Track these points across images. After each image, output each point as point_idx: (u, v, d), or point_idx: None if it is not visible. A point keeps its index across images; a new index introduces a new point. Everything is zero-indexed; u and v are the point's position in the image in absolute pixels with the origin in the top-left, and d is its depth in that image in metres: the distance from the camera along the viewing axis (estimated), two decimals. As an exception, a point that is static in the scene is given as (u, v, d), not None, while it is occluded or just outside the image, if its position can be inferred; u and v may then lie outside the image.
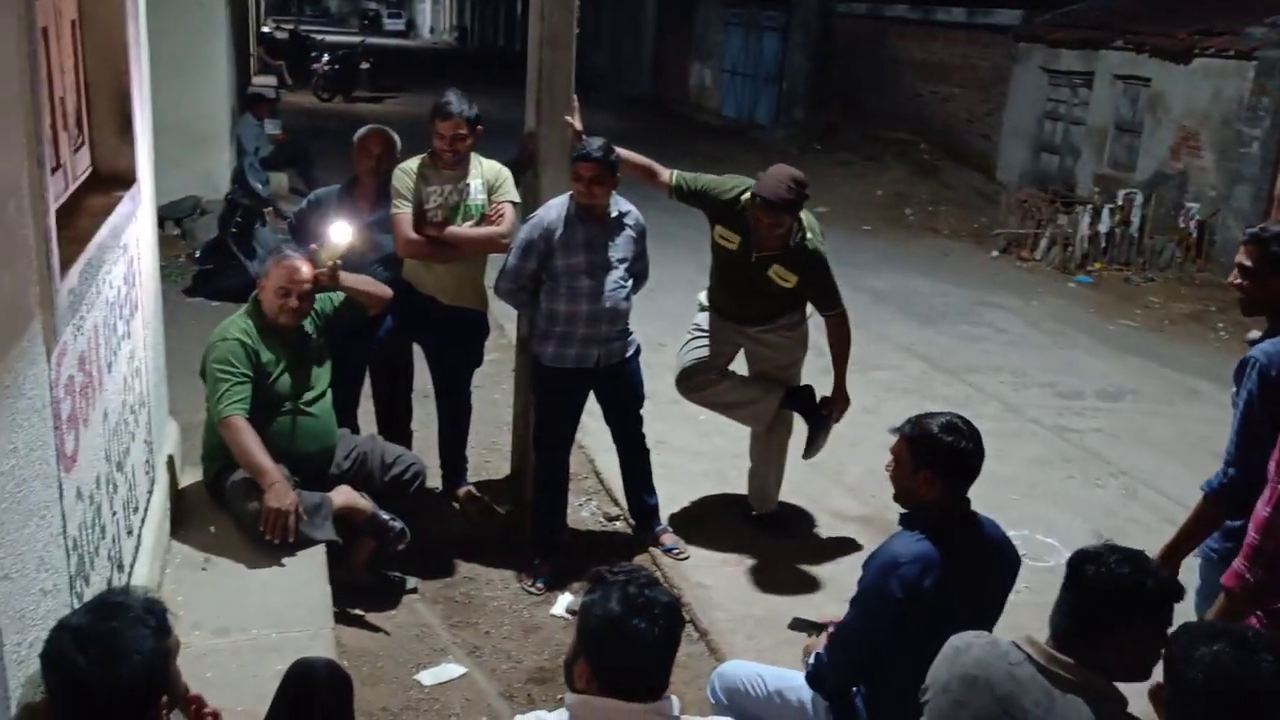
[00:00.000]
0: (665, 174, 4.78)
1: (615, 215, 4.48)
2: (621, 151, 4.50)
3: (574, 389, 4.63)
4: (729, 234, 4.65)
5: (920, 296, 10.01)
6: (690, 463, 5.83)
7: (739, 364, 5.03)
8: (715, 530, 5.13)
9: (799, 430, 5.03)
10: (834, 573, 4.76)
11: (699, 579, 4.69)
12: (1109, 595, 2.17)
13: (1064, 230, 11.72)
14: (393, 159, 4.74)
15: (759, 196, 4.40)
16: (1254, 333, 3.18)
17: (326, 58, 23.06)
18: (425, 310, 4.72)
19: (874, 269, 10.69)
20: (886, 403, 6.83)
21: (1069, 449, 6.50)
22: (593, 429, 5.41)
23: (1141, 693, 2.12)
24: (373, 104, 22.02)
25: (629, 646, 2.03)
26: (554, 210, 4.45)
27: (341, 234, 4.25)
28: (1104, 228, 11.50)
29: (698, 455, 5.93)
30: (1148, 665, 2.17)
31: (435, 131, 4.57)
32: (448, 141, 4.55)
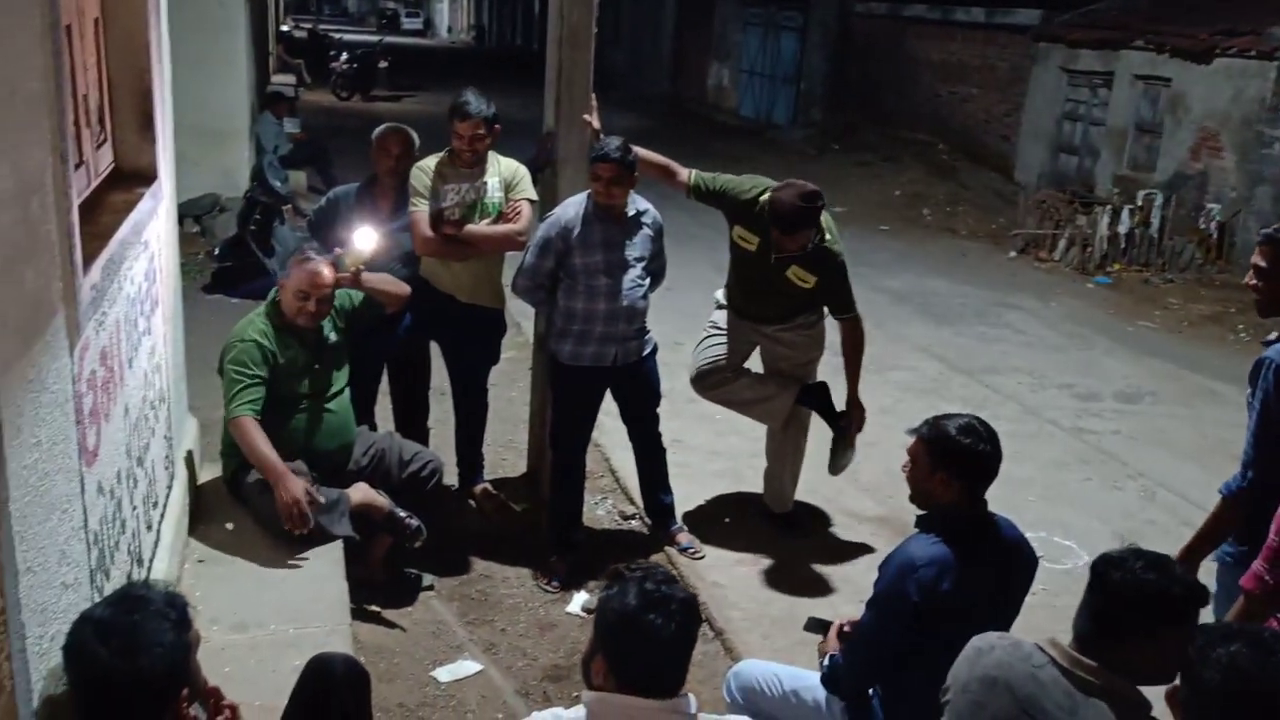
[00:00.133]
0: (684, 173, 4.78)
1: (633, 214, 4.48)
2: (640, 151, 4.50)
3: (591, 387, 4.64)
4: (748, 234, 4.64)
5: (938, 297, 9.98)
6: (706, 462, 5.83)
7: (754, 362, 5.02)
8: (731, 529, 5.13)
9: (816, 433, 5.02)
10: (850, 573, 4.76)
11: (714, 578, 4.69)
12: (1134, 601, 2.15)
13: (1083, 231, 11.65)
14: (411, 158, 4.74)
15: (777, 222, 4.37)
16: (1274, 334, 3.15)
17: (345, 56, 23.11)
18: (443, 308, 4.73)
19: (891, 269, 10.66)
20: (903, 403, 6.80)
21: (1087, 451, 6.47)
22: (609, 427, 5.42)
23: (1161, 695, 2.11)
24: (391, 103, 22.09)
25: (645, 642, 2.04)
26: (572, 208, 4.45)
27: (366, 240, 4.24)
28: (1123, 228, 11.43)
29: (714, 454, 5.93)
30: (1172, 669, 2.14)
31: (454, 131, 4.57)
32: (466, 141, 4.55)
